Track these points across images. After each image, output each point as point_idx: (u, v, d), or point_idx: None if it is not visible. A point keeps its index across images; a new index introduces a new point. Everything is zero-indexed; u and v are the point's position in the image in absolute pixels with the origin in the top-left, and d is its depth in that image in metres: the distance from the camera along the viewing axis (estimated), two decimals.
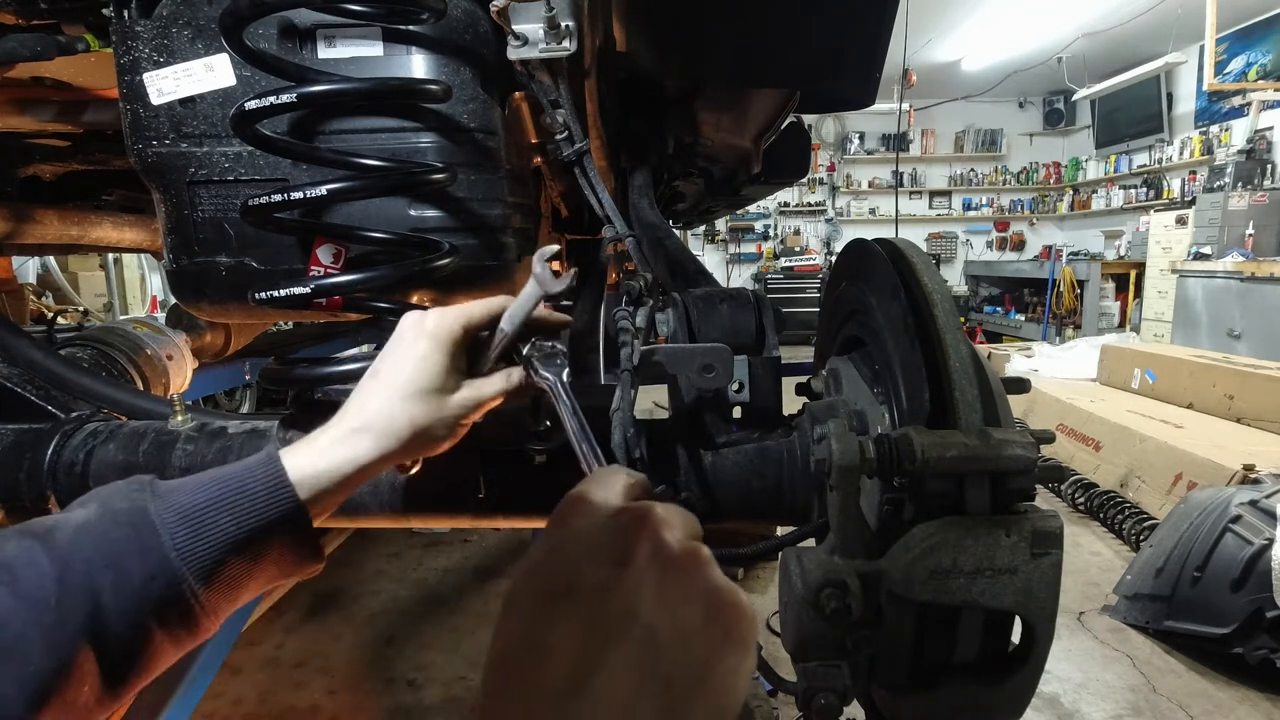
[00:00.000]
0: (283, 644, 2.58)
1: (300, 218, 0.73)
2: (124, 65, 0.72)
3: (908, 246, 0.68)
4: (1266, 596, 2.29)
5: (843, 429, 0.56)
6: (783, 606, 0.56)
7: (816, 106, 1.69)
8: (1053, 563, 0.53)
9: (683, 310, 0.78)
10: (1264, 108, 7.14)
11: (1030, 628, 0.56)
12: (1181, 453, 3.36)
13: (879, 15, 1.11)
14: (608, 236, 0.85)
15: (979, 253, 11.44)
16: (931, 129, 11.10)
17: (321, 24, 0.71)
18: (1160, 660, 2.56)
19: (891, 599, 0.53)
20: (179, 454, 0.78)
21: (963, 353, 0.58)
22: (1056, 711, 2.31)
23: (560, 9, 0.68)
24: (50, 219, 1.46)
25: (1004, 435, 0.54)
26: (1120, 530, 3.45)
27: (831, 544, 0.57)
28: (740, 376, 0.73)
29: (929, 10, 6.99)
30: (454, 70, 0.73)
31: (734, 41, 1.15)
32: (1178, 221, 7.21)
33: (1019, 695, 0.59)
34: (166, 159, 0.74)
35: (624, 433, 0.62)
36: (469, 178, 0.75)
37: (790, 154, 2.33)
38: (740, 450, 0.73)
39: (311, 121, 0.72)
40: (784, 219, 11.54)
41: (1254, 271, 5.79)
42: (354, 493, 0.75)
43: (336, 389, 0.74)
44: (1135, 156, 9.48)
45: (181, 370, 1.61)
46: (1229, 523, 2.48)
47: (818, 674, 0.53)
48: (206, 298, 0.78)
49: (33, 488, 0.78)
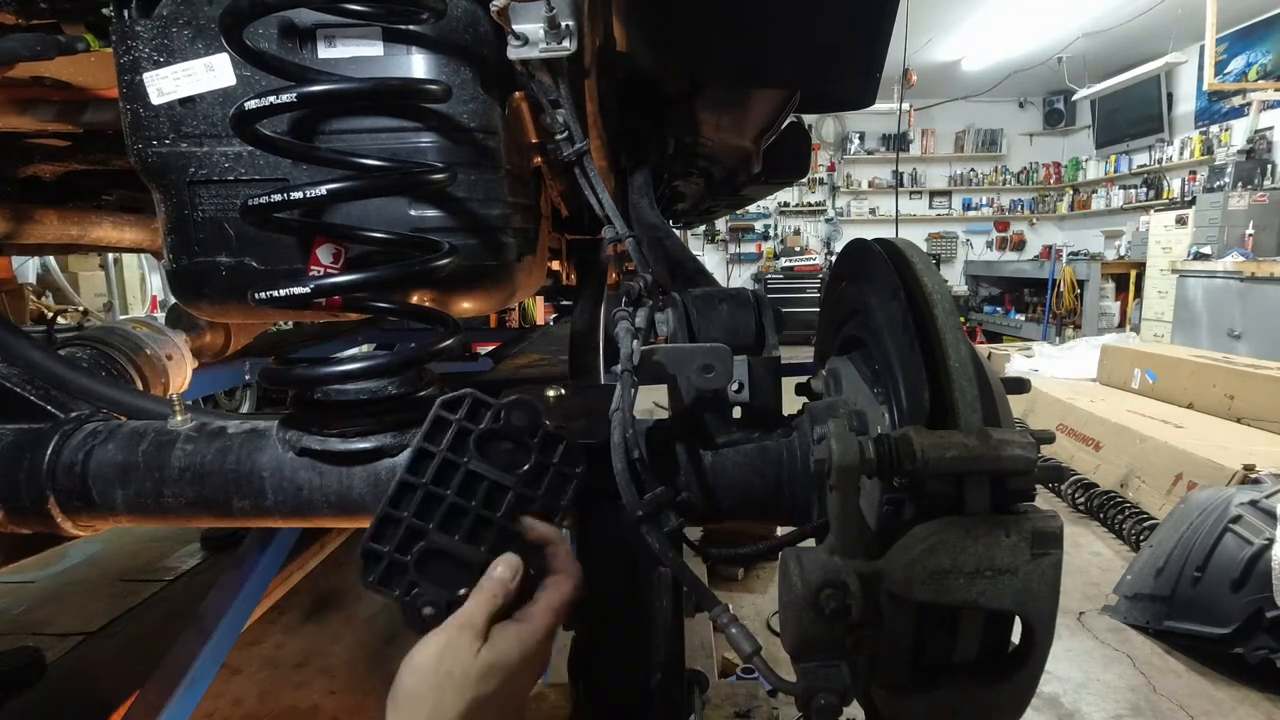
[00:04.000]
0: (283, 644, 2.57)
1: (300, 217, 0.73)
2: (124, 65, 0.72)
3: (908, 246, 0.68)
4: (1266, 596, 2.29)
5: (843, 429, 0.56)
6: (782, 607, 0.56)
7: (816, 106, 1.69)
8: (1053, 563, 0.53)
9: (683, 310, 0.78)
10: (1264, 108, 7.14)
11: (1030, 628, 0.56)
12: (1181, 453, 3.36)
13: (879, 15, 1.11)
14: (608, 237, 0.85)
15: (979, 253, 11.45)
16: (931, 129, 11.10)
17: (322, 24, 0.70)
18: (1160, 660, 2.56)
19: (891, 599, 0.53)
20: (178, 454, 0.78)
21: (963, 353, 0.58)
22: (1056, 711, 2.31)
23: (560, 9, 0.68)
24: (50, 219, 1.46)
25: (1004, 435, 0.54)
26: (1120, 530, 3.45)
27: (831, 544, 0.56)
28: (740, 376, 0.73)
29: (929, 10, 7.00)
30: (454, 70, 0.73)
31: (734, 41, 1.15)
32: (1178, 221, 7.22)
33: (1019, 695, 0.59)
34: (166, 159, 0.74)
35: (624, 433, 0.62)
36: (469, 178, 0.75)
37: (790, 154, 2.33)
38: (740, 450, 0.73)
39: (312, 121, 0.72)
40: (784, 219, 11.55)
41: (1254, 271, 5.79)
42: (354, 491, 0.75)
43: (336, 389, 0.74)
44: (1135, 156, 9.48)
45: (181, 370, 1.61)
46: (1229, 523, 2.48)
47: (817, 674, 0.53)
48: (206, 298, 0.78)
49: (32, 488, 0.78)
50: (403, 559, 0.62)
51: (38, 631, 2.24)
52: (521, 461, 0.63)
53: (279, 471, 0.76)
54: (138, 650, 1.95)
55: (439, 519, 0.62)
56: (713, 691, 1.63)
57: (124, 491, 0.77)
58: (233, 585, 1.59)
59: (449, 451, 0.62)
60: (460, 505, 0.62)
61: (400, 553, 0.62)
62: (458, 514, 0.62)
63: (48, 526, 0.80)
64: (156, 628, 2.11)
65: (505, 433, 0.62)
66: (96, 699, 1.62)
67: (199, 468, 0.77)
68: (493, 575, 0.61)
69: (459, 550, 0.62)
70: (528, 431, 0.62)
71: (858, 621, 0.52)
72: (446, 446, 0.62)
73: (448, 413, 0.63)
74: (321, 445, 0.74)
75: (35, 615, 2.39)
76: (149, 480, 0.77)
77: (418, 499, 0.62)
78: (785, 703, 1.98)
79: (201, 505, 0.78)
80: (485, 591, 0.60)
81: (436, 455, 0.62)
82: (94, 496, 0.78)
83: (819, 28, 1.13)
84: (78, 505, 0.78)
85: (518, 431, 0.62)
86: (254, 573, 1.63)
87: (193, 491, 0.77)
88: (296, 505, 0.77)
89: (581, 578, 0.65)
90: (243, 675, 2.38)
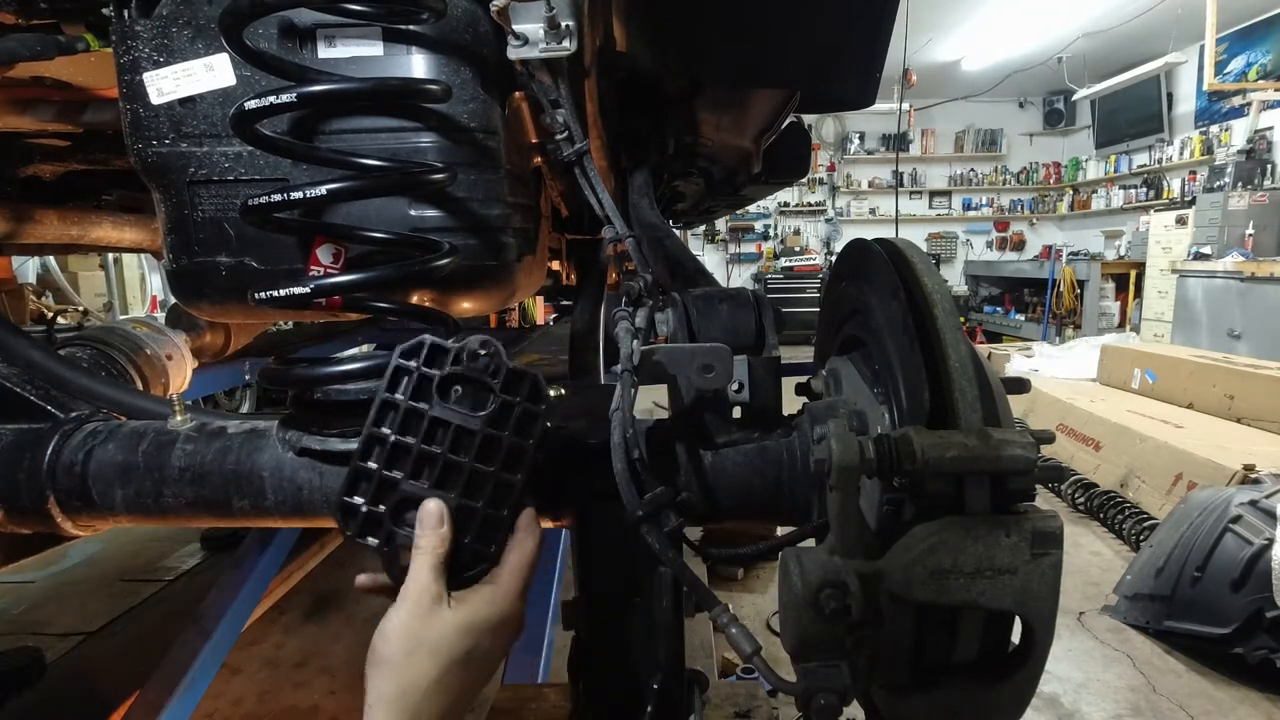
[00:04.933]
0: (283, 644, 2.58)
1: (300, 217, 0.73)
2: (124, 65, 0.72)
3: (908, 246, 0.68)
4: (1266, 596, 2.29)
5: (843, 429, 0.56)
6: (782, 607, 0.56)
7: (816, 106, 1.69)
8: (1053, 563, 0.53)
9: (682, 310, 0.78)
10: (1264, 108, 7.14)
11: (1030, 628, 0.56)
12: (1181, 453, 3.36)
13: (879, 15, 1.11)
14: (608, 237, 0.85)
15: (979, 253, 11.45)
16: (931, 129, 11.10)
17: (321, 24, 0.70)
18: (1160, 660, 2.56)
19: (891, 599, 0.53)
20: (178, 454, 0.78)
21: (963, 353, 0.58)
22: (1056, 711, 2.32)
23: (560, 9, 0.68)
24: (50, 219, 1.46)
25: (1004, 435, 0.54)
26: (1120, 530, 3.45)
27: (831, 544, 0.56)
28: (740, 376, 0.72)
29: (929, 10, 7.00)
30: (454, 70, 0.73)
31: (734, 41, 1.15)
32: (1178, 221, 7.22)
33: (1019, 695, 0.59)
34: (166, 159, 0.74)
35: (624, 433, 0.62)
36: (469, 178, 0.75)
37: (790, 154, 2.33)
38: (740, 450, 0.73)
39: (311, 121, 0.72)
40: (784, 219, 11.55)
41: (1254, 271, 5.80)
42: None
43: (336, 389, 0.74)
44: (1135, 156, 9.48)
45: (181, 370, 1.61)
46: (1229, 523, 2.48)
47: (818, 674, 0.53)
48: (206, 298, 0.78)
49: (32, 488, 0.78)
50: (379, 510, 0.62)
51: (38, 631, 2.24)
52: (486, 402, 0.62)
53: (279, 471, 0.76)
54: (138, 650, 1.95)
55: (409, 467, 0.62)
56: (713, 691, 1.63)
57: (124, 491, 0.77)
58: (233, 585, 1.60)
59: (412, 400, 0.62)
60: (428, 452, 0.62)
61: (375, 504, 0.62)
62: (428, 460, 0.62)
63: (48, 526, 0.80)
64: (156, 628, 2.12)
65: (468, 375, 0.62)
66: (96, 699, 1.62)
67: (199, 468, 0.77)
68: (424, 524, 0.60)
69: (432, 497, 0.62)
70: (489, 371, 0.62)
71: (858, 621, 0.52)
72: (408, 395, 0.62)
73: (406, 360, 0.62)
74: (321, 445, 0.74)
75: (35, 615, 2.40)
76: (149, 480, 0.77)
77: (386, 450, 0.62)
78: (785, 703, 1.98)
79: (201, 505, 0.78)
80: (423, 549, 0.60)
81: (400, 406, 0.62)
82: (94, 496, 0.78)
83: (819, 28, 1.13)
84: (78, 505, 0.78)
85: (480, 372, 0.62)
86: (254, 573, 1.63)
87: (193, 491, 0.77)
88: (296, 505, 0.77)
89: (542, 536, 0.65)
90: (243, 675, 2.38)
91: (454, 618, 0.59)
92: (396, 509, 0.62)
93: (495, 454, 0.62)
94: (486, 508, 0.62)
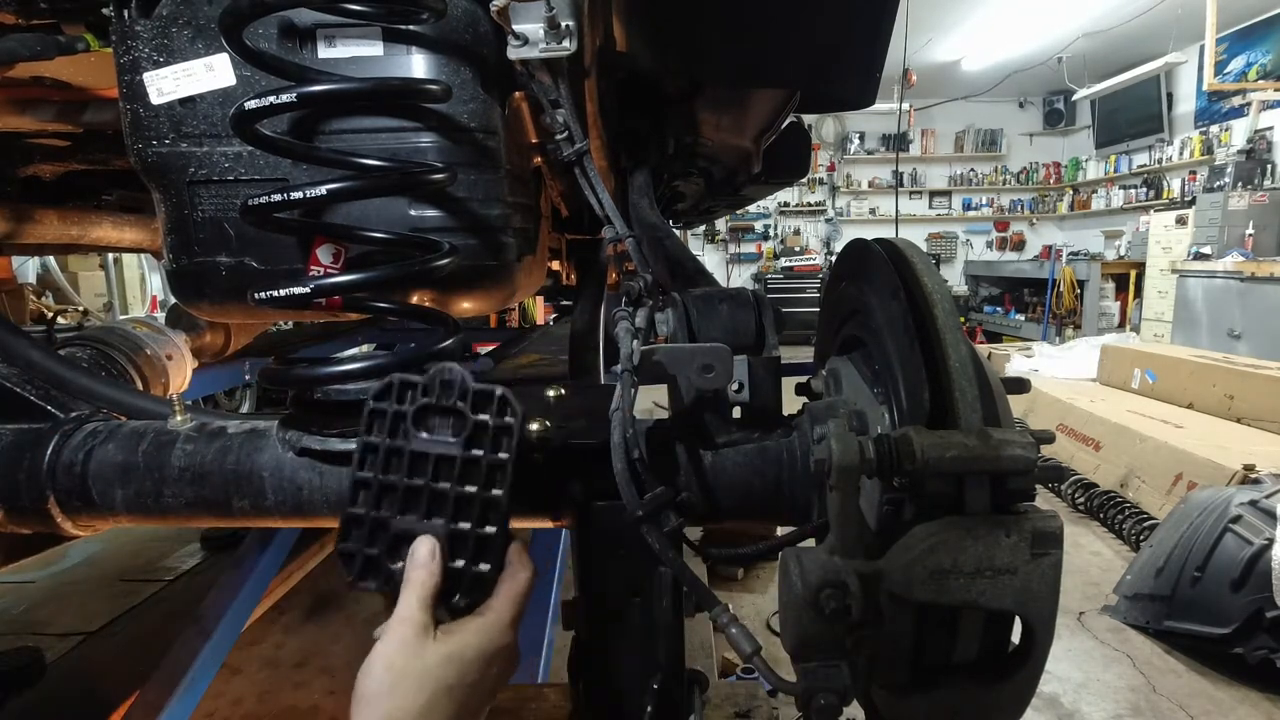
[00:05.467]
0: (283, 644, 2.57)
1: (300, 217, 0.73)
2: (124, 65, 0.72)
3: (908, 246, 0.68)
4: (1266, 596, 2.29)
5: (843, 429, 0.56)
6: (782, 607, 0.56)
7: (816, 106, 1.69)
8: (1053, 563, 0.53)
9: (683, 310, 0.78)
10: (1264, 108, 7.14)
11: (1030, 628, 0.56)
12: (1181, 453, 3.36)
13: (879, 15, 1.11)
14: (608, 237, 0.85)
15: (979, 253, 11.45)
16: (931, 129, 11.10)
17: (321, 24, 0.71)
18: (1160, 660, 2.56)
19: (891, 599, 0.53)
20: (178, 454, 0.78)
21: (963, 353, 0.58)
22: (1056, 711, 2.32)
23: (560, 9, 0.68)
24: (50, 219, 1.46)
25: (1004, 435, 0.54)
26: (1120, 530, 3.45)
27: (831, 544, 0.56)
28: (740, 376, 0.72)
29: (929, 10, 7.00)
30: (454, 70, 0.73)
31: (734, 41, 1.15)
32: (1178, 221, 7.21)
33: (1019, 695, 0.59)
34: (166, 159, 0.74)
35: (624, 433, 0.62)
36: (469, 178, 0.75)
37: (790, 154, 2.33)
38: (740, 450, 0.73)
39: (311, 121, 0.72)
40: (784, 219, 11.54)
41: (1254, 271, 5.80)
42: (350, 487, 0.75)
43: (336, 389, 0.74)
44: (1135, 156, 9.48)
45: (181, 370, 1.61)
46: (1229, 523, 2.48)
47: (818, 674, 0.53)
48: (206, 298, 0.78)
49: (32, 488, 0.78)
50: (374, 552, 0.63)
51: (38, 631, 2.24)
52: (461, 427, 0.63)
53: (279, 471, 0.76)
54: (138, 650, 1.95)
55: (399, 505, 0.63)
56: (713, 691, 1.63)
57: (124, 491, 0.78)
58: (233, 585, 1.59)
59: (389, 439, 0.63)
60: (414, 486, 0.63)
61: (370, 546, 0.63)
62: (415, 494, 0.63)
63: (48, 526, 0.80)
64: (156, 628, 2.12)
65: (439, 406, 0.63)
66: (96, 699, 1.62)
67: (199, 468, 0.77)
68: (415, 560, 0.61)
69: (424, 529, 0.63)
70: (457, 397, 0.63)
71: (858, 621, 0.52)
72: (386, 435, 0.63)
73: (379, 403, 0.64)
74: (321, 445, 0.74)
75: (35, 615, 2.39)
76: (149, 480, 0.77)
77: (374, 493, 0.63)
78: (785, 703, 1.98)
79: (201, 505, 0.78)
80: (413, 582, 0.60)
81: (380, 447, 0.63)
82: (94, 496, 0.78)
83: (819, 28, 1.13)
84: (78, 505, 0.78)
85: (449, 399, 0.63)
86: (254, 573, 1.63)
87: (193, 491, 0.77)
88: (296, 505, 0.77)
89: (534, 571, 0.66)
90: (243, 675, 2.38)
91: (440, 648, 0.58)
92: (391, 548, 0.63)
93: (477, 474, 0.63)
94: (476, 527, 0.63)
